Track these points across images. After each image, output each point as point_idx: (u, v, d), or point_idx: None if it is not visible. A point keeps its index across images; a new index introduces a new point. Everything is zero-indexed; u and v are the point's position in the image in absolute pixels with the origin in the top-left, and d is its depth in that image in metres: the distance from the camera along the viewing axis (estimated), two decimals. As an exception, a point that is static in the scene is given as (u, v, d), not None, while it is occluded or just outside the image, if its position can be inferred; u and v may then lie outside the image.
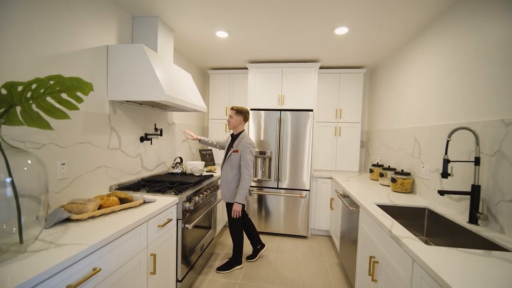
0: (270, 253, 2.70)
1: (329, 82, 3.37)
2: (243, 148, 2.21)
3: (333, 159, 3.40)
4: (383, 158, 2.91)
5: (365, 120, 3.63)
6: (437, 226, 1.64)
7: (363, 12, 1.92)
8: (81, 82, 1.06)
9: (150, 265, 1.47)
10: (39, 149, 1.35)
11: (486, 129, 1.39)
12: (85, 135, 1.65)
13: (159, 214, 1.56)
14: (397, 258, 1.22)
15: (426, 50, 2.06)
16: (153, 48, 2.11)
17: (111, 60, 1.83)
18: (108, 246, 1.12)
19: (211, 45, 2.73)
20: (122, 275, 1.23)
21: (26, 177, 0.93)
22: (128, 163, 2.09)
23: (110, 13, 1.86)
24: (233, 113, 2.30)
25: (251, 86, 3.22)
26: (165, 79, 1.86)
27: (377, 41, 2.47)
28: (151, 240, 1.48)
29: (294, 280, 2.20)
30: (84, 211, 1.28)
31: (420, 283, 1.01)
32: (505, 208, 1.25)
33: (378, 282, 1.46)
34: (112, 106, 1.90)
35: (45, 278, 0.84)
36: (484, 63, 1.44)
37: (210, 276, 2.24)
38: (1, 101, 0.90)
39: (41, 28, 1.35)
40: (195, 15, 2.07)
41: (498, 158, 1.30)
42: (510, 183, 1.22)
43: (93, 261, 1.04)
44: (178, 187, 1.99)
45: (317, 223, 3.16)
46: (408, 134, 2.30)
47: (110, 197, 1.42)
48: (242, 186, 2.18)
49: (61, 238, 1.06)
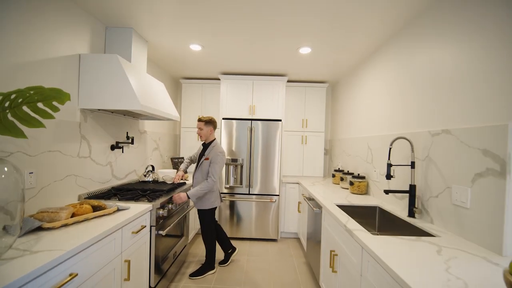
0: (241, 257, 2.80)
1: (296, 94, 3.65)
2: (214, 156, 2.30)
3: (300, 165, 3.65)
4: (343, 164, 3.23)
5: (328, 130, 3.98)
6: (386, 221, 1.91)
7: (322, 36, 2.19)
8: (60, 92, 1.10)
9: (124, 272, 1.49)
10: (7, 157, 1.32)
11: (418, 139, 1.69)
12: (54, 143, 1.63)
13: (134, 221, 1.59)
14: (351, 248, 1.43)
15: (376, 69, 2.40)
16: (127, 58, 2.15)
17: (83, 68, 1.84)
18: (84, 252, 1.15)
19: (185, 56, 2.83)
20: (98, 281, 1.25)
21: (3, 185, 0.94)
22: (98, 171, 2.07)
23: (84, 22, 1.87)
24: (202, 125, 2.36)
25: (223, 97, 3.35)
26: (139, 89, 1.91)
27: (336, 61, 2.79)
28: (126, 246, 1.50)
29: (265, 281, 2.33)
30: (56, 219, 1.28)
31: (367, 267, 1.22)
32: (433, 203, 1.54)
33: (337, 273, 1.65)
34: (83, 114, 1.89)
35: (24, 283, 0.86)
36: (415, 84, 1.76)
37: (183, 283, 2.26)
38: (-21, 110, 0.92)
39: (12, 35, 1.35)
40: (170, 29, 2.16)
41: (427, 162, 1.60)
42: (436, 182, 1.52)
43: (69, 266, 1.07)
44: (151, 194, 2.02)
45: (286, 226, 3.34)
46: (363, 142, 2.62)
47: (83, 205, 1.43)
48: (202, 187, 2.21)
49: (35, 246, 1.07)
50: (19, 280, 0.84)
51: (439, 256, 1.09)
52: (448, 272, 0.95)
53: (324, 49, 2.48)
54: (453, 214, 1.38)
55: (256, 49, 2.56)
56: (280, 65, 3.01)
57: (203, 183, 2.24)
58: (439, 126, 1.52)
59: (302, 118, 3.64)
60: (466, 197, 1.29)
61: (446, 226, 1.43)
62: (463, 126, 1.34)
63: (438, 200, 1.50)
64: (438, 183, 1.50)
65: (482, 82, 1.24)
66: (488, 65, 1.22)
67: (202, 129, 2.37)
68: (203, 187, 2.22)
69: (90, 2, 1.76)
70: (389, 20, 1.87)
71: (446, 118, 1.47)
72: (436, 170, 1.52)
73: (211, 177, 2.26)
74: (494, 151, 1.15)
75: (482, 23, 1.26)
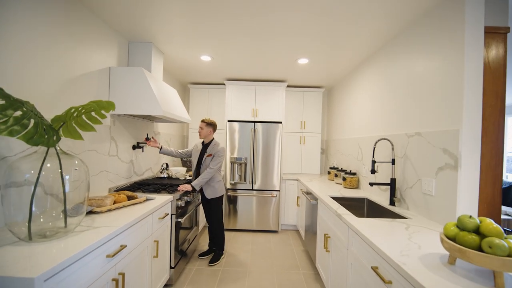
0: (246, 246, 3.11)
1: (295, 98, 3.97)
2: (217, 152, 2.60)
3: (299, 163, 3.97)
4: (338, 162, 3.55)
5: (325, 131, 4.30)
6: (373, 210, 2.23)
7: (317, 50, 2.51)
8: (110, 103, 1.41)
9: (154, 250, 1.80)
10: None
11: (397, 139, 2.02)
12: (92, 143, 1.93)
13: (160, 209, 1.90)
14: (340, 229, 1.75)
15: (364, 79, 2.73)
16: (148, 68, 2.45)
17: (113, 79, 2.14)
18: (129, 229, 1.46)
19: (195, 66, 3.14)
20: (137, 254, 1.56)
21: (76, 175, 1.25)
22: (123, 168, 2.37)
23: (112, 39, 2.18)
24: (204, 125, 2.66)
25: (228, 101, 3.67)
26: (159, 96, 2.22)
27: (331, 69, 3.11)
28: (155, 229, 1.81)
29: (268, 264, 2.64)
30: (102, 205, 1.58)
31: (352, 242, 1.53)
32: (409, 193, 1.86)
33: (330, 252, 1.97)
34: (113, 119, 2.19)
35: (94, 248, 1.16)
36: (394, 93, 2.08)
37: (196, 265, 2.57)
38: (59, 120, 1.22)
39: (63, 56, 1.66)
40: (183, 43, 2.47)
41: (405, 159, 1.92)
42: (411, 175, 1.84)
43: (120, 239, 1.38)
44: (170, 188, 2.33)
45: (286, 219, 3.66)
46: (354, 143, 2.94)
47: (120, 195, 1.74)
48: (202, 176, 2.50)
49: (93, 223, 1.38)
50: (91, 246, 1.14)
51: (406, 231, 1.41)
52: (410, 240, 1.27)
53: (319, 60, 2.80)
54: (422, 201, 1.70)
55: (259, 59, 2.87)
56: (280, 72, 3.33)
57: (203, 173, 2.53)
58: (413, 129, 1.84)
59: (301, 120, 3.96)
60: (431, 186, 1.61)
61: (418, 210, 1.75)
62: (430, 129, 1.66)
63: (412, 190, 1.82)
64: (412, 176, 1.82)
65: (442, 94, 1.57)
66: (445, 80, 1.54)
67: (203, 129, 2.66)
68: (204, 176, 2.51)
69: (117, 21, 2.06)
70: (372, 39, 2.19)
71: (418, 122, 1.79)
72: (411, 166, 1.84)
73: (213, 166, 2.54)
74: (451, 150, 1.47)
75: (441, 43, 1.58)
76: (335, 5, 1.73)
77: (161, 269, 1.97)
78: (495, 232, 0.88)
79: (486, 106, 1.51)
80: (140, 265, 1.62)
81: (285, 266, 2.62)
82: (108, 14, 1.93)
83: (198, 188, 2.51)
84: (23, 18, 1.37)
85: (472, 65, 1.41)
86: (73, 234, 1.23)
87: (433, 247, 1.18)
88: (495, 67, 1.52)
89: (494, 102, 1.52)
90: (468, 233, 0.94)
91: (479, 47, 1.42)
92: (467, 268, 0.99)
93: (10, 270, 0.85)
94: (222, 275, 2.41)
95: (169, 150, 2.78)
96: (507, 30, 1.51)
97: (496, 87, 1.52)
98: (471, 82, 1.41)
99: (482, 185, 1.52)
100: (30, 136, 1.01)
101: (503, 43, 1.52)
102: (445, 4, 1.57)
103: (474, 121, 1.41)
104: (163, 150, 2.73)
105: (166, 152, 2.75)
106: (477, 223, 0.94)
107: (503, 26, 1.52)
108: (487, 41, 1.51)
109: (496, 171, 1.53)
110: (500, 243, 0.84)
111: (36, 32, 1.46)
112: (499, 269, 0.84)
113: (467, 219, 0.96)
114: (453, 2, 1.50)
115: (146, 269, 1.70)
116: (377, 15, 1.83)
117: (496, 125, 1.52)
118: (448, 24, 1.54)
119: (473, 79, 1.41)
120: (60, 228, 1.24)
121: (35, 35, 1.45)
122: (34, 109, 1.13)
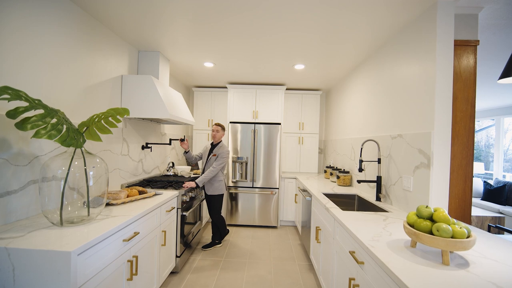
0: (247, 239, 3.32)
1: (294, 100, 4.16)
2: (221, 153, 2.84)
3: (297, 163, 4.16)
4: (334, 161, 3.73)
5: (323, 131, 4.48)
6: (362, 205, 2.41)
7: (312, 57, 2.70)
8: (125, 110, 1.63)
9: (162, 239, 2.02)
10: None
11: (383, 141, 2.20)
12: (107, 144, 2.16)
13: (167, 203, 2.12)
14: (328, 220, 1.94)
15: (358, 81, 2.90)
16: (155, 75, 2.67)
17: (124, 86, 2.37)
18: (141, 219, 1.68)
19: (199, 71, 3.36)
20: (148, 241, 1.78)
21: (97, 172, 1.47)
22: (133, 166, 2.60)
23: (123, 49, 2.40)
24: (220, 129, 2.94)
25: (230, 103, 3.88)
26: (166, 101, 2.44)
27: (326, 74, 3.29)
28: (162, 220, 2.03)
29: (266, 256, 2.85)
30: (117, 198, 1.81)
31: (337, 231, 1.73)
32: (392, 189, 2.04)
33: (320, 243, 2.17)
34: (124, 122, 2.42)
35: (113, 232, 1.38)
36: (379, 97, 2.26)
37: (200, 256, 2.80)
38: (84, 125, 1.45)
39: (82, 66, 1.89)
40: (188, 51, 2.69)
41: (389, 159, 2.10)
42: (394, 173, 2.02)
43: (134, 227, 1.60)
44: (175, 184, 2.55)
45: (285, 215, 3.86)
46: (348, 143, 3.12)
47: (132, 190, 1.96)
48: (206, 175, 2.73)
49: (111, 213, 1.60)
50: (110, 231, 1.36)
51: (383, 222, 1.59)
52: (383, 229, 1.46)
53: (315, 66, 2.98)
54: (402, 196, 1.89)
55: (258, 65, 3.07)
56: (279, 77, 3.52)
57: (206, 171, 2.77)
58: (396, 131, 2.02)
59: (299, 121, 4.15)
60: (410, 183, 1.79)
61: (399, 205, 1.94)
62: (409, 132, 1.84)
63: (395, 187, 2.00)
64: (395, 174, 2.01)
65: (419, 99, 1.74)
66: (421, 87, 1.72)
67: (218, 132, 2.93)
68: (206, 174, 2.75)
69: (128, 33, 2.28)
70: (362, 47, 2.37)
71: (400, 125, 1.97)
72: (394, 165, 2.02)
73: (216, 165, 2.78)
74: (425, 150, 1.66)
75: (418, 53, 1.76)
76: (325, 18, 1.92)
77: (168, 257, 2.19)
78: (443, 219, 1.07)
79: (458, 111, 1.69)
80: (150, 251, 1.84)
81: (282, 258, 2.82)
82: (120, 27, 2.15)
83: (201, 184, 2.73)
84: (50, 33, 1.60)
85: (443, 74, 1.59)
86: (95, 221, 1.45)
87: (402, 235, 1.37)
88: (466, 76, 1.70)
89: (465, 108, 1.70)
90: (423, 220, 1.12)
91: (449, 58, 1.59)
92: (424, 250, 1.18)
93: (52, 246, 1.08)
94: (224, 265, 2.63)
95: (192, 155, 2.99)
96: (476, 43, 1.69)
97: (467, 94, 1.70)
98: (442, 89, 1.59)
99: (453, 182, 1.70)
100: (64, 139, 1.23)
101: (473, 54, 1.70)
102: (422, 18, 1.75)
103: (444, 125, 1.59)
104: (188, 154, 2.95)
105: (188, 156, 2.96)
106: (431, 211, 1.13)
107: (473, 40, 1.69)
108: (458, 52, 1.69)
109: (467, 170, 1.71)
110: (445, 227, 1.03)
111: (61, 49, 1.68)
112: (445, 248, 1.02)
113: (423, 208, 1.15)
114: (427, 17, 1.68)
115: (155, 255, 1.93)
116: (362, 27, 2.01)
117: (467, 128, 1.70)
118: (423, 36, 1.71)
119: (443, 86, 1.59)
120: (84, 217, 1.47)
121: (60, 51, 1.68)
122: (64, 116, 1.35)
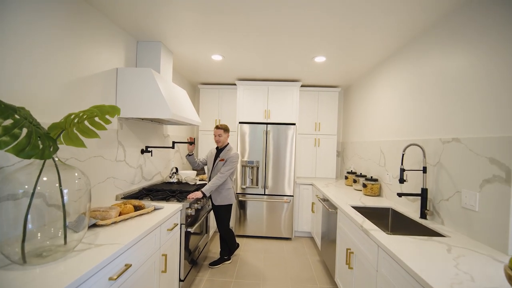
0: (258, 254, 2.96)
1: (309, 98, 3.77)
2: (229, 158, 2.51)
3: (313, 167, 3.78)
4: (356, 166, 3.34)
5: (341, 132, 4.09)
6: (399, 222, 2.03)
7: (336, 46, 2.32)
8: (115, 108, 1.28)
9: (162, 264, 1.67)
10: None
11: (429, 145, 1.81)
12: (98, 149, 1.82)
13: (168, 220, 1.77)
14: (367, 246, 1.56)
15: (390, 75, 2.51)
16: (156, 69, 2.33)
17: (120, 81, 2.03)
18: (135, 245, 1.33)
19: (206, 65, 3.01)
20: (143, 272, 1.44)
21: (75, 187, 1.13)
22: (131, 174, 2.27)
23: (119, 38, 2.07)
24: (222, 132, 2.59)
25: (239, 101, 3.52)
26: (168, 98, 2.09)
27: (349, 67, 2.91)
28: (163, 242, 1.68)
29: (282, 276, 2.48)
30: (107, 218, 1.47)
31: (383, 263, 1.35)
32: (444, 205, 1.65)
33: (353, 269, 1.79)
34: (120, 122, 2.09)
35: (96, 271, 1.03)
36: (425, 93, 1.87)
37: (207, 276, 2.45)
38: (58, 127, 1.11)
39: (64, 56, 1.55)
40: (194, 42, 2.34)
41: (438, 167, 1.71)
42: (447, 186, 1.63)
43: (125, 258, 1.25)
44: (179, 195, 2.20)
45: (300, 226, 3.49)
46: (375, 146, 2.73)
47: (126, 205, 1.62)
48: (213, 182, 2.40)
49: (96, 240, 1.26)
50: (97, 266, 1.02)
51: (449, 254, 1.21)
52: (457, 268, 1.08)
53: (338, 57, 2.60)
54: (462, 216, 1.50)
55: (272, 58, 2.70)
56: (294, 71, 3.15)
57: (213, 179, 2.44)
58: (449, 135, 1.63)
59: (315, 121, 3.77)
60: (474, 200, 1.41)
61: (456, 227, 1.55)
62: (472, 135, 1.45)
63: (448, 203, 1.62)
64: (448, 187, 1.62)
65: (487, 95, 1.35)
66: (492, 80, 1.33)
67: (221, 136, 2.58)
68: (214, 182, 2.41)
69: (125, 20, 1.95)
70: (399, 33, 1.98)
71: (455, 126, 1.58)
72: (447, 175, 1.63)
73: (225, 172, 2.45)
74: (501, 160, 1.27)
75: (486, 33, 1.36)
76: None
77: (169, 284, 1.84)
78: None
79: (544, 109, 1.29)
80: (147, 284, 1.50)
81: (300, 279, 2.45)
82: (115, 11, 1.81)
83: (208, 193, 2.38)
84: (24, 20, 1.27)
85: (530, 61, 1.20)
86: (72, 254, 1.11)
87: (490, 279, 0.99)
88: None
89: (553, 104, 1.30)
90: (548, 271, 0.75)
91: (538, 40, 1.20)
92: (542, 313, 0.80)
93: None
94: (234, 287, 2.28)
95: (195, 160, 2.72)
96: None
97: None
98: (529, 81, 1.20)
99: (538, 201, 1.30)
100: (21, 148, 0.89)
101: None
102: (492, -9, 1.36)
103: (532, 127, 1.20)
104: (191, 157, 2.69)
105: (191, 160, 2.70)
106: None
107: None
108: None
109: (555, 185, 1.31)
110: None
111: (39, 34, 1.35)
112: None
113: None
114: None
115: (154, 286, 1.58)
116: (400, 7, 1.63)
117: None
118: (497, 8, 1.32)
119: (531, 77, 1.20)
120: (59, 247, 1.12)
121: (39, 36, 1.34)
122: (29, 116, 1.01)
